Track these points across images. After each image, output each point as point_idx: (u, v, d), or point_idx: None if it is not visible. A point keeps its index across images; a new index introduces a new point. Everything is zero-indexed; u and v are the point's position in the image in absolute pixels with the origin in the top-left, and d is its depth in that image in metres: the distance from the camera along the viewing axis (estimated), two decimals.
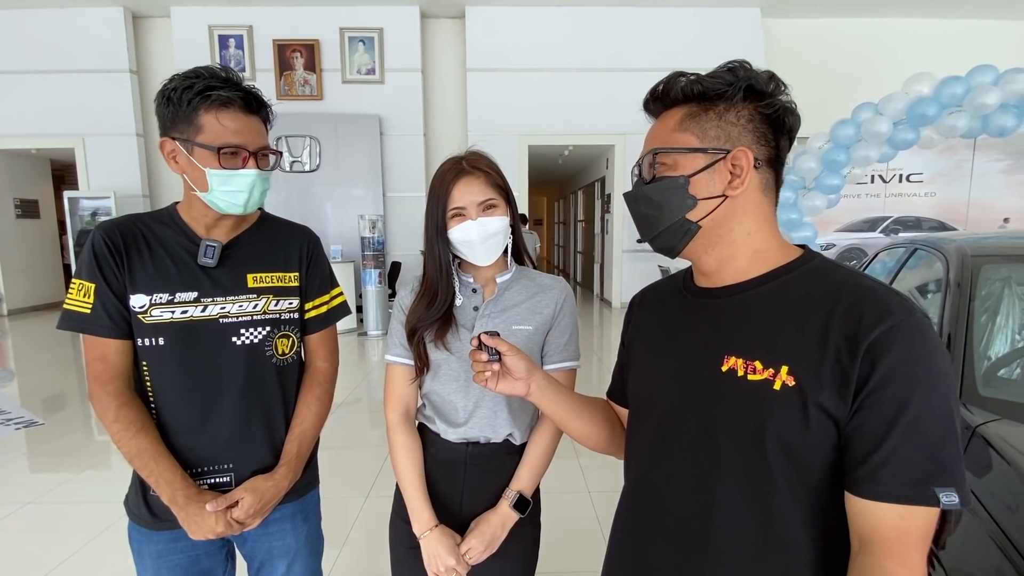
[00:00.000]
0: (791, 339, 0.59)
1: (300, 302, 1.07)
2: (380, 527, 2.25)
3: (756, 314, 0.63)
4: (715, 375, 0.63)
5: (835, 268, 0.63)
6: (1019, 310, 1.66)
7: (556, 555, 1.95)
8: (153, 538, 1.00)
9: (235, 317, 0.99)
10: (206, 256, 0.97)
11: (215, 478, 1.00)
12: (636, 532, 0.73)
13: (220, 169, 0.90)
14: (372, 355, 5.66)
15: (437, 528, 0.98)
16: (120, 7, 7.08)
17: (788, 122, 0.63)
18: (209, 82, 0.88)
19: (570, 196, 13.55)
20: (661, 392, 0.70)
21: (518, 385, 0.78)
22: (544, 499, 1.12)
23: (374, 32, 7.22)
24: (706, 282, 0.69)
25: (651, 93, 0.67)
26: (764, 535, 0.60)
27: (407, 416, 1.06)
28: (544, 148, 7.85)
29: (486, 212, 0.97)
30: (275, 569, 1.09)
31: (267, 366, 1.02)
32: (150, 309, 0.95)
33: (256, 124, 0.94)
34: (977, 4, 6.97)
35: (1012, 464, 1.08)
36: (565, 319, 1.03)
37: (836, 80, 7.17)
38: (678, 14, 7.13)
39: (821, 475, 0.58)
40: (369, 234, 6.29)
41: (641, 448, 0.74)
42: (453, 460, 1.03)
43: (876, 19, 7.38)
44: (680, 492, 0.66)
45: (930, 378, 0.54)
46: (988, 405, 1.32)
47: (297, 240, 1.09)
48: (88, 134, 7.32)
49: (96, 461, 3.07)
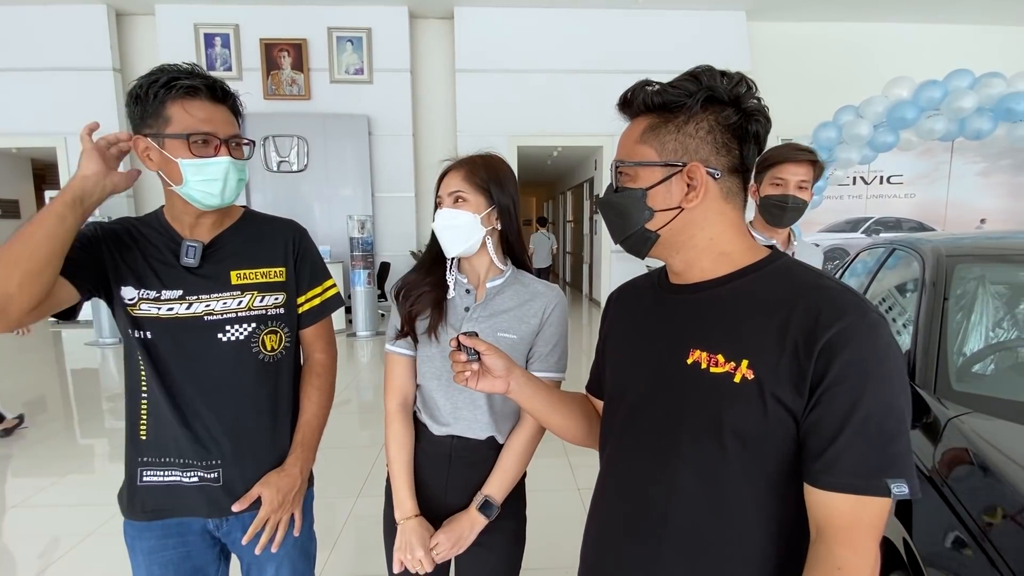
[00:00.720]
0: (752, 335, 0.62)
1: (287, 297, 1.07)
2: (369, 528, 2.28)
3: (721, 310, 0.65)
4: (681, 367, 0.66)
5: (798, 269, 0.66)
6: (992, 308, 1.72)
7: (546, 551, 1.99)
8: (144, 534, 1.01)
9: (220, 314, 1.00)
10: (187, 256, 0.98)
11: (202, 472, 1.00)
12: (603, 515, 0.76)
13: (192, 158, 0.90)
14: (361, 356, 5.64)
15: (416, 519, 1.03)
16: (103, 4, 6.98)
17: (752, 129, 0.64)
18: (172, 74, 0.90)
19: (559, 197, 13.60)
20: (631, 382, 0.73)
21: (497, 383, 0.80)
22: (535, 496, 1.15)
23: (362, 32, 7.19)
24: (677, 280, 0.72)
25: (620, 100, 0.69)
26: (720, 521, 0.63)
27: (404, 405, 1.09)
28: (533, 149, 7.88)
29: (456, 204, 1.00)
30: (263, 571, 1.09)
31: (254, 362, 1.03)
32: (139, 302, 0.97)
33: (224, 113, 0.95)
34: (956, 9, 7.14)
35: (980, 455, 1.12)
36: (550, 329, 1.04)
37: (819, 83, 7.30)
38: (665, 17, 7.20)
39: (778, 465, 0.61)
40: (358, 234, 6.27)
41: (611, 435, 0.77)
42: (440, 452, 1.06)
43: (858, 23, 7.52)
44: (642, 478, 0.69)
45: (882, 376, 0.56)
46: (961, 399, 1.36)
47: (282, 234, 1.09)
48: (71, 133, 7.19)
49: (80, 465, 3.04)
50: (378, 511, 1.13)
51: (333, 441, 3.51)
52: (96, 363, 5.51)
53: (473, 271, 1.07)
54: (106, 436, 3.52)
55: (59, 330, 7.04)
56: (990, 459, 1.10)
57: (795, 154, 1.59)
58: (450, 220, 1.00)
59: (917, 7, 7.07)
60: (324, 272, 1.15)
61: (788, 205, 1.58)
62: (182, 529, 1.02)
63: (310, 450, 1.09)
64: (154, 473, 1.00)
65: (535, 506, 1.16)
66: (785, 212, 1.59)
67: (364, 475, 2.81)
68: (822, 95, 6.48)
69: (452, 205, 1.01)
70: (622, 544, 0.71)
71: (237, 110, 0.99)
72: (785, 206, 1.59)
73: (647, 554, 0.68)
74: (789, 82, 7.51)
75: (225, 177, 0.93)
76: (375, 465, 2.90)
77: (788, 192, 1.59)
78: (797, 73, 7.46)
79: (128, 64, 7.40)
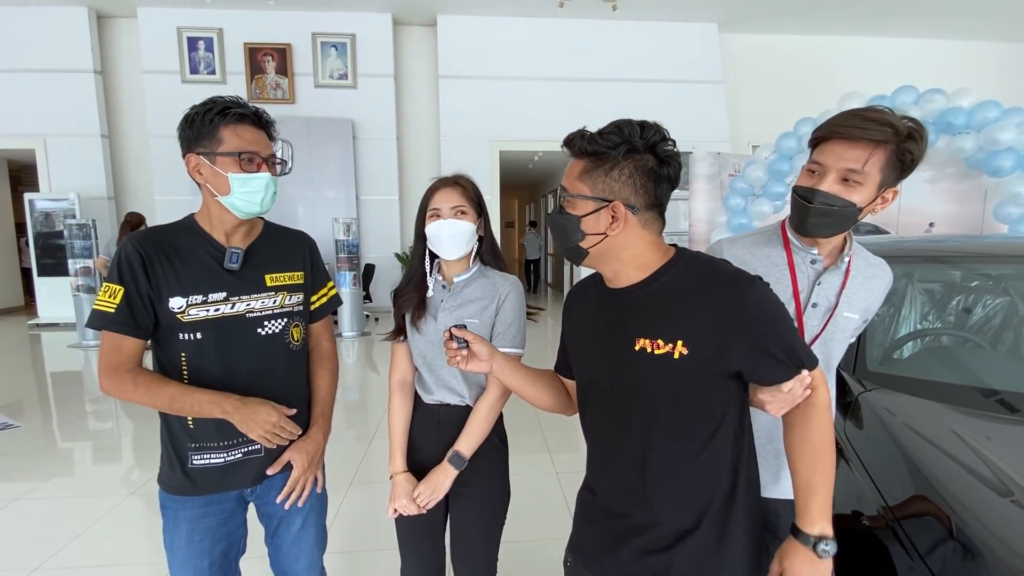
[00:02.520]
0: (681, 319, 0.82)
1: (304, 296, 1.27)
2: (356, 526, 2.41)
3: (653, 305, 0.85)
4: (631, 353, 0.85)
5: (698, 260, 0.87)
6: (920, 303, 1.98)
7: (528, 525, 2.22)
8: (189, 504, 1.16)
9: (259, 312, 1.17)
10: (231, 261, 1.14)
11: (249, 445, 1.18)
12: (595, 481, 0.98)
13: (241, 173, 1.08)
14: (347, 357, 5.72)
15: (403, 474, 1.29)
16: (84, 7, 6.97)
17: (665, 172, 0.81)
18: (224, 103, 1.09)
19: (540, 199, 13.83)
20: (597, 373, 0.94)
21: (483, 365, 1.00)
22: (518, 480, 1.41)
23: (347, 38, 7.32)
24: (611, 284, 0.90)
25: (564, 141, 0.85)
26: (688, 462, 0.86)
27: (402, 382, 1.36)
28: (514, 153, 8.08)
29: (457, 216, 1.22)
30: (292, 524, 1.27)
31: (286, 351, 1.22)
32: (187, 309, 1.10)
33: (264, 137, 1.13)
34: (907, 25, 7.58)
35: (880, 423, 1.36)
36: (506, 311, 1.26)
37: (784, 94, 7.67)
38: (640, 28, 7.49)
39: (714, 412, 0.85)
40: (344, 237, 6.38)
41: (590, 416, 0.99)
42: (431, 418, 1.31)
43: (820, 36, 7.92)
44: (621, 443, 0.90)
45: (771, 314, 0.82)
46: (875, 379, 1.61)
47: (300, 244, 1.29)
48: (50, 135, 7.17)
49: (63, 469, 3.02)
50: (364, 506, 1.35)
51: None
52: (80, 366, 5.51)
53: (449, 270, 1.29)
54: (90, 439, 3.50)
55: (39, 333, 6.99)
56: (888, 425, 1.34)
57: (848, 127, 0.97)
58: (455, 229, 1.22)
59: (871, 22, 7.49)
60: (328, 276, 1.36)
61: (813, 205, 1.02)
62: (222, 498, 1.19)
63: (327, 420, 1.30)
64: (203, 456, 1.14)
65: (519, 487, 1.40)
66: (808, 215, 1.03)
67: (351, 475, 2.80)
68: (787, 105, 6.82)
69: (455, 217, 1.22)
70: (613, 500, 0.93)
71: (273, 135, 1.17)
72: (808, 206, 1.02)
73: (637, 498, 0.89)
74: (757, 91, 7.87)
75: (265, 190, 1.12)
76: (363, 463, 2.93)
77: (819, 186, 1.01)
78: (765, 83, 7.84)
79: (109, 66, 7.39)
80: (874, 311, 1.18)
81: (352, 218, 6.61)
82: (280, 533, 1.28)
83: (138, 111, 7.34)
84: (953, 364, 1.80)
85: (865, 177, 0.98)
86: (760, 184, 4.75)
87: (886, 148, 0.96)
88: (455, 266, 1.28)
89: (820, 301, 1.13)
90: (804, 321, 1.13)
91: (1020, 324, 1.88)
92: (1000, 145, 3.76)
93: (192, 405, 1.08)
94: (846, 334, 1.15)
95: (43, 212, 7.17)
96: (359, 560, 2.16)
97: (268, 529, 1.30)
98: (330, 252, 6.70)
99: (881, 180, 0.99)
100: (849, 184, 1.00)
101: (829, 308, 1.13)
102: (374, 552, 2.18)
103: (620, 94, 7.44)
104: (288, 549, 1.29)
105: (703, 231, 5.33)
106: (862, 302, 1.14)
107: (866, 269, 1.14)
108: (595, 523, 0.97)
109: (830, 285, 1.13)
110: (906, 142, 0.96)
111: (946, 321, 1.98)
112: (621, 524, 0.91)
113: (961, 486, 1.08)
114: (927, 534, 1.05)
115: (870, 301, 1.15)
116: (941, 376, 1.69)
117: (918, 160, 0.99)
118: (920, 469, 1.16)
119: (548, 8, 6.99)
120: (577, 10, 7.02)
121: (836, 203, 1.00)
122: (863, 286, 1.14)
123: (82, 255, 6.12)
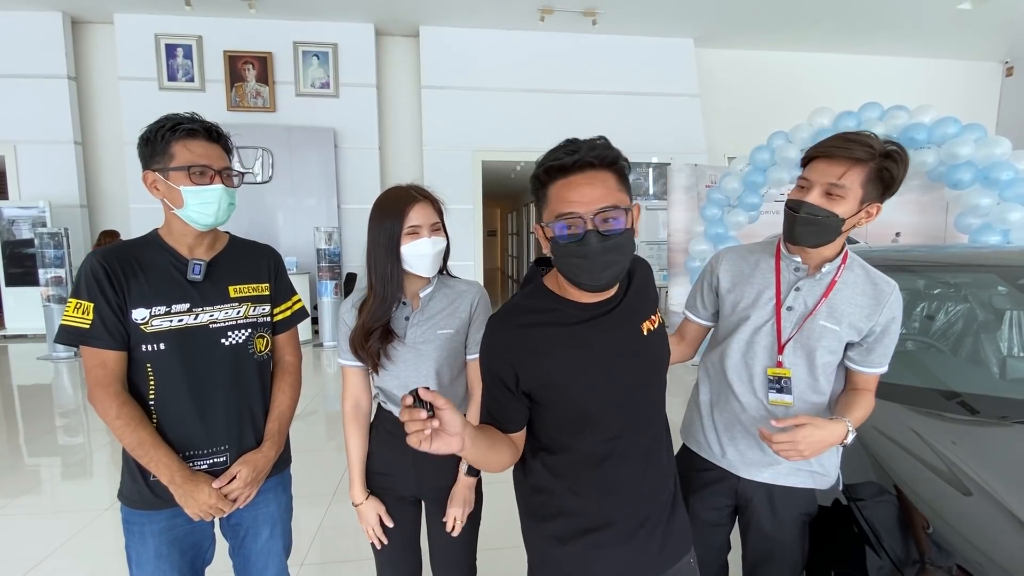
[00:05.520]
0: (645, 298, 1.01)
1: (270, 308, 1.28)
2: (338, 538, 2.38)
3: (633, 294, 1.00)
4: (640, 336, 0.98)
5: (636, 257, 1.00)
6: None
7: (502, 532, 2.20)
8: (155, 517, 1.16)
9: (222, 322, 1.19)
10: (194, 273, 1.16)
11: (214, 458, 1.19)
12: (588, 506, 0.97)
13: (192, 186, 1.10)
14: (328, 367, 5.68)
15: (367, 502, 1.29)
16: (59, 12, 6.85)
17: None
18: (175, 120, 1.11)
19: (523, 209, 13.93)
20: (621, 378, 0.95)
21: (454, 441, 0.76)
22: (492, 488, 1.43)
23: (328, 47, 7.32)
24: (598, 298, 0.93)
25: (592, 158, 0.82)
26: (660, 426, 1.05)
27: (356, 408, 1.31)
28: (497, 163, 8.15)
29: (435, 233, 1.20)
30: (259, 535, 1.28)
31: (250, 362, 1.23)
32: (150, 320, 1.12)
33: (218, 150, 1.16)
34: (873, 42, 7.91)
35: None
36: (480, 317, 1.26)
37: (759, 108, 7.90)
38: (620, 42, 7.65)
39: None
40: (325, 245, 6.35)
41: (611, 468, 0.97)
42: (402, 431, 1.28)
43: (792, 53, 8.20)
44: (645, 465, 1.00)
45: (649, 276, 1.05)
46: None
47: (264, 257, 1.31)
48: (20, 141, 6.98)
49: (31, 486, 2.95)
50: (347, 517, 1.35)
51: (300, 450, 3.57)
52: (49, 379, 5.35)
53: (412, 286, 1.24)
54: (59, 455, 3.42)
55: (6, 345, 6.76)
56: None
57: (831, 148, 1.10)
58: (437, 248, 1.19)
59: (840, 39, 7.79)
60: (293, 289, 1.37)
61: (799, 215, 1.14)
62: None
63: (282, 436, 1.30)
64: None
65: (492, 495, 1.42)
66: (795, 223, 1.15)
67: (334, 485, 2.84)
68: (762, 119, 7.04)
69: (435, 234, 1.19)
70: (624, 478, 0.99)
71: (229, 148, 1.20)
72: (796, 215, 1.15)
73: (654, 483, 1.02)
74: (732, 105, 8.10)
75: (219, 202, 1.14)
76: (344, 472, 2.96)
77: (805, 198, 1.14)
78: (739, 97, 8.07)
79: (85, 73, 7.25)
80: (865, 330, 1.18)
81: (334, 227, 6.58)
82: (247, 543, 1.28)
83: (114, 118, 7.20)
84: (917, 368, 1.88)
85: (846, 191, 1.09)
86: (736, 195, 4.88)
87: (865, 166, 1.08)
88: (420, 281, 1.24)
89: (796, 305, 1.20)
90: (781, 321, 1.21)
91: (980, 330, 1.98)
92: (959, 159, 3.94)
93: (151, 460, 1.10)
94: (827, 343, 1.18)
95: (11, 220, 6.96)
96: (340, 571, 2.14)
97: (234, 541, 1.30)
98: (311, 261, 6.66)
99: (863, 195, 1.10)
100: (832, 197, 1.11)
101: (805, 313, 1.19)
102: (355, 563, 2.16)
103: (600, 106, 7.56)
104: (256, 558, 1.29)
105: (681, 240, 5.44)
106: (846, 316, 1.17)
107: (859, 286, 1.20)
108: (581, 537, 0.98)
109: (809, 292, 1.20)
110: (884, 161, 1.07)
111: (911, 327, 2.07)
112: (622, 527, 0.99)
113: (921, 481, 1.19)
114: (888, 520, 1.17)
115: (856, 318, 1.17)
116: (906, 380, 1.77)
117: (898, 178, 1.10)
118: (883, 466, 1.25)
119: (529, 21, 7.10)
120: (558, 23, 7.14)
121: (820, 213, 1.11)
122: (849, 300, 1.18)
123: (53, 264, 5.96)
